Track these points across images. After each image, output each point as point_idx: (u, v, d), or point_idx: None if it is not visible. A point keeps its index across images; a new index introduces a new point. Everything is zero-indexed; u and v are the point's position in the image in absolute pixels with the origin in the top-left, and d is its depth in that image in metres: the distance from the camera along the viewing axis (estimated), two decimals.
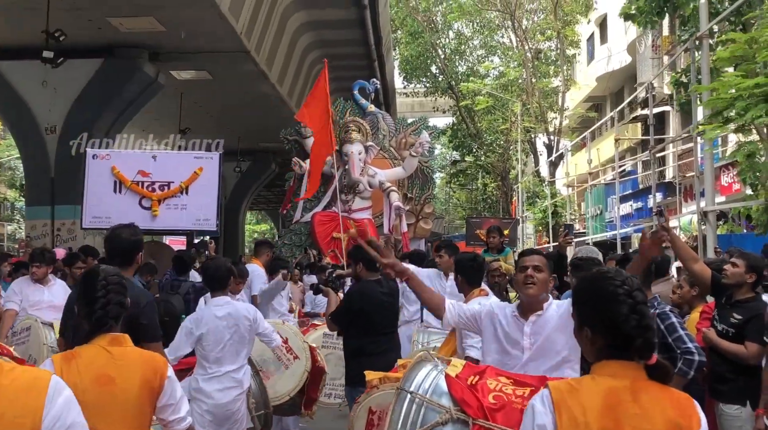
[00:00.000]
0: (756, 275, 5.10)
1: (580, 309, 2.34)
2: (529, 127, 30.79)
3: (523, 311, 4.01)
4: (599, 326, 2.23)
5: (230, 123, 22.84)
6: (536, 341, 3.87)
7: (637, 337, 2.16)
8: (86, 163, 8.91)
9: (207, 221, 8.89)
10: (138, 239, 4.50)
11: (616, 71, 30.12)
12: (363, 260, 5.83)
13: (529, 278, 3.96)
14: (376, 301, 5.72)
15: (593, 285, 2.32)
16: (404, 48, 34.90)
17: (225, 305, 5.32)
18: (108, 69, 15.25)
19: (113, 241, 4.43)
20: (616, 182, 18.38)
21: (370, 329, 5.69)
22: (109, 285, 3.11)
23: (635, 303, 2.19)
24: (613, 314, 2.19)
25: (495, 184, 36.70)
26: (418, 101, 42.76)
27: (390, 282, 5.91)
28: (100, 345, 2.99)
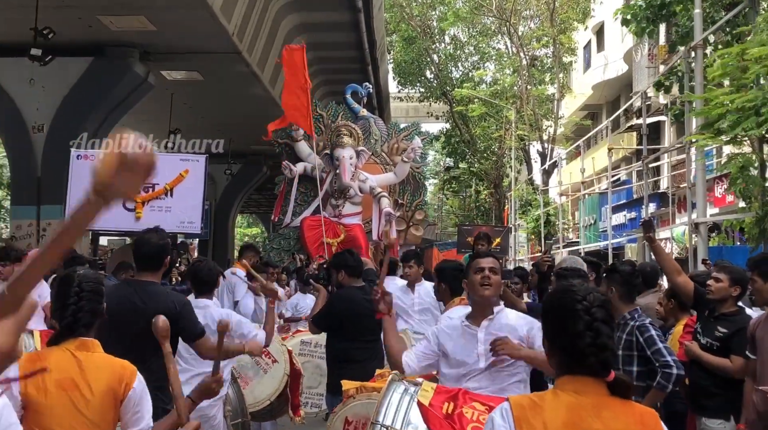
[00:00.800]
0: (740, 287, 5.12)
1: (543, 322, 2.34)
2: (523, 135, 30.83)
3: (474, 317, 4.04)
4: (557, 341, 2.22)
5: (221, 125, 22.78)
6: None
7: (591, 355, 2.13)
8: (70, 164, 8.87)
9: (191, 224, 8.85)
10: (165, 242, 4.57)
11: (612, 80, 30.19)
12: (345, 267, 5.85)
13: (486, 279, 3.99)
14: (359, 307, 5.74)
15: (556, 298, 2.32)
16: (398, 53, 34.97)
17: (204, 308, 5.28)
18: (97, 68, 15.19)
19: (143, 247, 4.51)
20: (609, 192, 18.41)
21: (352, 335, 5.73)
22: (83, 292, 3.10)
23: (592, 320, 2.16)
24: (568, 329, 2.17)
25: (488, 191, 36.75)
26: (413, 106, 42.80)
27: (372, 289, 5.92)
28: (68, 349, 2.98)
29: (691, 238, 10.88)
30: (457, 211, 47.21)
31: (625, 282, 4.99)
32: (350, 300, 5.76)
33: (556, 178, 28.06)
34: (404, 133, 16.61)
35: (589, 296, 2.22)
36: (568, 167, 32.22)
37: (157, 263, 4.48)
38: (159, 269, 4.52)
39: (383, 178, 15.73)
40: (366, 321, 5.76)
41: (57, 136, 15.01)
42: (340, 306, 5.79)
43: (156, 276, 4.53)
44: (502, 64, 34.61)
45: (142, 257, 4.51)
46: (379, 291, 4.10)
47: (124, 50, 15.25)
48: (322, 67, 22.19)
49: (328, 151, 15.33)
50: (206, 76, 17.72)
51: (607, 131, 21.21)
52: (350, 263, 5.97)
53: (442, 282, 5.44)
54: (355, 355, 5.64)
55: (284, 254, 15.25)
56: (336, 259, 6.20)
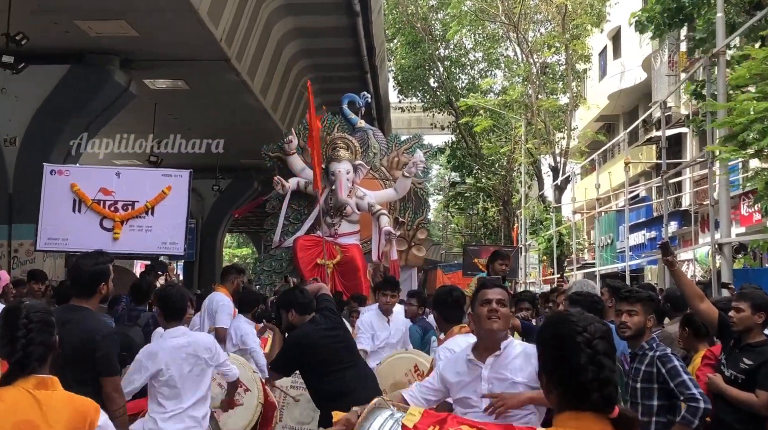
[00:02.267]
0: (765, 313, 5.08)
1: (539, 354, 2.31)
2: (534, 148, 30.86)
3: (479, 352, 4.01)
4: (555, 375, 2.20)
5: (208, 137, 22.80)
6: (495, 386, 3.86)
7: (593, 391, 2.11)
8: (44, 179, 8.85)
9: (174, 244, 8.80)
10: (101, 268, 4.75)
11: (630, 89, 30.23)
12: (296, 305, 5.83)
13: (494, 313, 3.97)
14: (317, 340, 5.73)
15: (552, 329, 2.29)
16: (400, 58, 35.06)
17: (182, 335, 5.29)
18: (75, 76, 15.21)
19: (74, 271, 4.79)
20: (626, 209, 18.39)
21: (324, 369, 5.68)
22: (31, 323, 3.06)
23: (594, 353, 2.14)
24: (568, 362, 2.15)
25: (496, 208, 36.75)
26: (415, 117, 42.93)
27: (328, 316, 5.94)
28: (24, 388, 2.93)
29: (715, 259, 10.84)
30: (462, 230, 47.21)
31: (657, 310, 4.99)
32: (306, 338, 5.73)
33: (569, 194, 28.03)
34: (405, 146, 16.60)
35: (589, 326, 2.19)
36: (583, 183, 32.21)
37: (89, 290, 4.70)
38: (93, 296, 4.73)
39: (383, 195, 15.70)
40: (331, 350, 5.75)
41: (30, 150, 15.01)
42: (296, 349, 5.76)
43: (90, 302, 4.72)
44: (511, 72, 34.69)
45: (74, 282, 4.80)
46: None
47: (103, 57, 15.27)
48: (317, 75, 22.25)
49: (323, 165, 15.31)
50: (192, 85, 17.76)
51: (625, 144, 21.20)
52: (300, 301, 5.92)
53: (436, 310, 5.43)
54: (341, 387, 5.58)
55: (276, 276, 15.20)
56: (283, 298, 6.13)
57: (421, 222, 16.58)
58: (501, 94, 34.12)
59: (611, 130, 34.74)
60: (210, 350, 5.34)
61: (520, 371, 3.88)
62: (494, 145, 32.77)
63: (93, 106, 15.82)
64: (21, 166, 15.11)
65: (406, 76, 35.49)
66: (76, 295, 4.72)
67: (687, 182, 21.62)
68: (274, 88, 20.19)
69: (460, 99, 33.55)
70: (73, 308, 4.66)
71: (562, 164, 31.62)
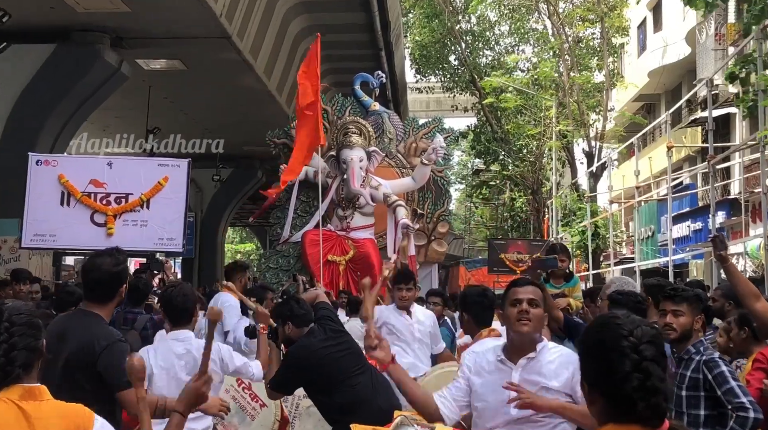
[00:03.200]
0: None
1: (581, 361, 2.32)
2: (566, 132, 30.73)
3: (511, 353, 4.00)
4: (598, 383, 2.20)
5: (208, 122, 22.87)
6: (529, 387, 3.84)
7: (640, 401, 2.10)
8: (29, 170, 8.87)
9: (172, 240, 8.79)
10: (121, 269, 4.56)
11: (672, 65, 30.06)
12: (292, 318, 5.83)
13: (524, 314, 3.96)
14: (318, 353, 5.75)
15: (596, 333, 2.28)
16: (418, 33, 34.96)
17: (184, 341, 5.28)
18: (61, 57, 15.26)
19: (91, 272, 4.49)
20: (669, 198, 18.30)
21: (333, 382, 5.69)
22: (14, 326, 3.01)
23: (641, 359, 2.14)
24: (612, 370, 2.15)
25: (525, 198, 36.67)
26: (434, 98, 42.89)
27: (326, 326, 5.94)
28: (10, 399, 2.89)
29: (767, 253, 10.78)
30: (488, 223, 47.14)
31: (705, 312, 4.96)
32: (305, 352, 5.74)
33: (605, 182, 27.93)
34: (424, 131, 16.57)
35: (636, 330, 2.19)
36: (620, 170, 32.08)
37: (107, 294, 4.48)
38: (110, 301, 4.52)
39: (399, 184, 15.69)
40: (335, 361, 5.76)
41: (13, 138, 15.07)
42: (297, 365, 5.77)
43: (106, 308, 4.53)
44: (541, 47, 34.55)
45: (89, 284, 4.52)
46: (372, 335, 4.05)
47: (92, 35, 15.32)
48: (326, 53, 22.13)
49: (333, 152, 15.31)
50: (190, 66, 17.79)
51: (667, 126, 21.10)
52: (297, 313, 5.92)
53: (465, 312, 5.42)
54: (354, 398, 5.59)
55: (283, 274, 15.23)
56: (279, 310, 6.10)
57: (441, 214, 16.55)
58: (529, 72, 33.99)
59: (652, 111, 34.57)
60: (215, 359, 5.27)
61: (555, 377, 3.87)
62: (522, 128, 32.65)
63: (81, 90, 15.87)
64: (3, 156, 15.15)
65: (424, 53, 35.39)
66: (90, 299, 4.53)
67: (736, 168, 21.49)
68: (279, 68, 20.21)
69: (484, 78, 33.45)
70: (84, 313, 4.50)
71: (597, 149, 31.49)
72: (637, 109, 34.56)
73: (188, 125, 22.54)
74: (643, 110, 34.89)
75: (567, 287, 8.18)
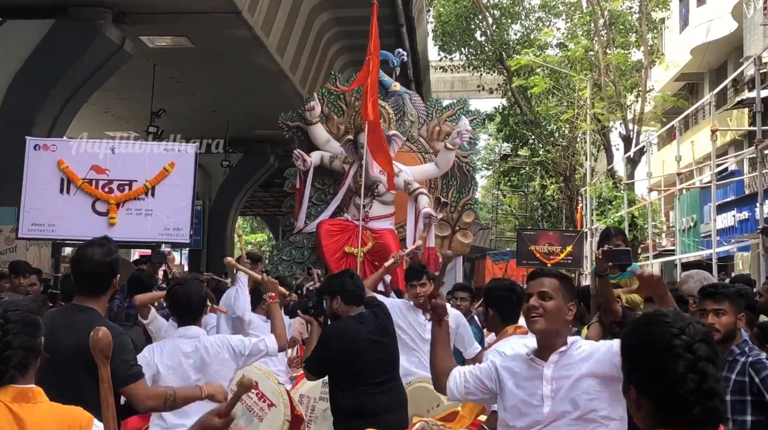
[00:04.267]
0: None
1: (625, 362, 2.30)
2: (601, 114, 30.59)
3: (540, 351, 3.99)
4: (647, 386, 2.18)
5: (216, 104, 22.93)
6: (561, 386, 3.82)
7: (696, 404, 2.10)
8: (26, 155, 8.93)
9: (178, 230, 8.86)
10: (114, 259, 4.57)
11: (717, 41, 29.86)
12: (342, 292, 5.83)
13: (533, 310, 3.95)
14: (360, 342, 5.72)
15: (643, 331, 2.27)
16: (441, 6, 34.85)
17: (194, 338, 5.33)
18: (59, 33, 15.29)
19: (82, 264, 4.50)
20: (712, 186, 18.20)
21: (359, 380, 5.68)
22: (9, 323, 3.02)
23: (696, 359, 2.13)
24: (664, 371, 2.14)
25: (556, 186, 36.54)
26: (459, 78, 42.76)
27: (380, 318, 5.90)
28: (2, 402, 2.90)
29: None
30: (516, 212, 47.03)
31: None
32: (348, 336, 5.71)
33: (644, 168, 27.79)
34: (448, 113, 16.57)
35: (688, 328, 2.18)
36: (660, 155, 31.93)
37: (101, 286, 4.50)
38: (103, 294, 4.54)
39: (421, 171, 15.69)
40: (373, 360, 5.74)
41: (9, 120, 15.12)
42: (335, 344, 5.75)
43: (100, 301, 4.54)
44: (573, 22, 34.38)
45: (81, 277, 4.51)
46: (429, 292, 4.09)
47: (93, 10, 15.34)
48: (343, 29, 22.24)
49: (351, 136, 15.32)
50: (197, 43, 17.82)
51: (711, 108, 20.89)
52: (349, 288, 5.92)
53: (490, 307, 5.41)
54: (368, 405, 5.60)
55: (296, 267, 15.27)
56: (331, 282, 6.13)
57: (467, 203, 16.55)
58: (561, 50, 33.83)
59: (694, 92, 34.36)
60: (227, 352, 5.34)
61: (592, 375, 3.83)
62: (554, 110, 32.52)
63: (81, 69, 15.90)
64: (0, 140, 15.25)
65: (447, 29, 35.29)
66: (82, 292, 4.52)
67: None
68: (293, 45, 20.20)
69: (513, 56, 33.32)
70: (79, 308, 4.48)
71: (635, 133, 31.27)
72: (678, 90, 34.32)
73: (195, 107, 22.60)
74: (685, 91, 34.65)
75: (623, 277, 7.74)
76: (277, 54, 19.09)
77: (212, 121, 23.70)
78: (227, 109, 23.42)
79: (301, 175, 15.53)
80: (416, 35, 24.36)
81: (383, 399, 5.70)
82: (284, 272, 15.22)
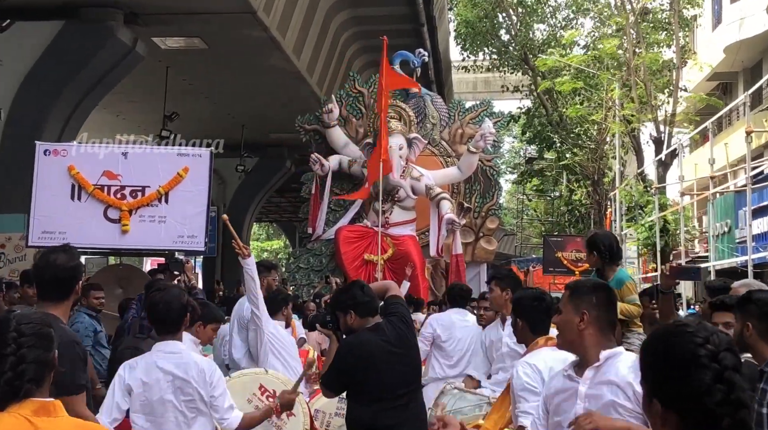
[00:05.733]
0: None
1: (647, 375, 2.30)
2: (631, 116, 30.51)
3: (580, 366, 4.00)
4: (672, 400, 2.18)
5: (231, 107, 23.00)
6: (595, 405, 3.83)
7: (725, 416, 2.09)
8: (36, 160, 8.98)
9: (193, 238, 8.88)
10: (76, 265, 4.68)
11: (751, 39, 29.73)
12: (355, 306, 5.76)
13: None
14: (377, 356, 5.62)
15: (665, 343, 2.27)
16: (463, 7, 34.85)
17: (174, 354, 5.14)
18: (70, 35, 15.36)
19: (45, 270, 4.60)
20: (747, 189, 18.11)
21: (375, 394, 5.61)
22: (22, 337, 3.04)
23: (722, 369, 2.13)
24: (690, 383, 2.14)
25: (584, 190, 36.45)
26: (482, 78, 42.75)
27: (397, 327, 5.79)
28: (22, 415, 2.94)
29: None
30: (542, 217, 46.94)
31: (765, 315, 4.88)
32: (364, 349, 5.62)
33: (675, 172, 27.70)
34: (471, 115, 16.59)
35: (712, 337, 2.18)
36: (693, 157, 31.75)
37: (63, 292, 4.59)
38: (65, 299, 4.63)
39: (444, 175, 15.71)
40: (390, 372, 5.65)
41: (18, 125, 15.22)
42: (351, 358, 5.67)
43: (62, 307, 4.61)
44: (602, 22, 34.31)
45: (43, 283, 4.62)
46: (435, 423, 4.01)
47: (104, 11, 15.39)
48: (362, 29, 22.24)
49: (370, 139, 15.34)
50: (211, 44, 17.87)
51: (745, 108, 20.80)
52: (361, 300, 5.81)
53: (519, 318, 5.39)
54: (381, 420, 5.54)
55: (314, 275, 15.31)
56: (340, 298, 6.01)
57: (491, 208, 16.55)
58: (589, 49, 33.76)
59: (728, 92, 34.20)
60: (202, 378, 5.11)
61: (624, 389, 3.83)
62: (581, 112, 32.46)
63: (92, 71, 15.98)
64: (8, 145, 15.33)
65: (470, 28, 35.27)
66: (45, 298, 4.61)
67: None
68: (309, 46, 20.23)
69: (538, 56, 33.28)
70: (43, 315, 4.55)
71: (666, 135, 31.20)
72: (711, 90, 34.19)
73: (209, 110, 22.66)
74: (719, 91, 34.51)
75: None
76: (294, 55, 19.11)
77: (227, 124, 23.75)
78: (242, 113, 23.47)
79: (317, 181, 15.57)
80: (437, 35, 24.35)
81: (402, 415, 5.63)
82: (301, 281, 15.29)
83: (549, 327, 5.34)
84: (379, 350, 5.65)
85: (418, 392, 5.97)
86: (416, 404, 5.85)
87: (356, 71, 19.51)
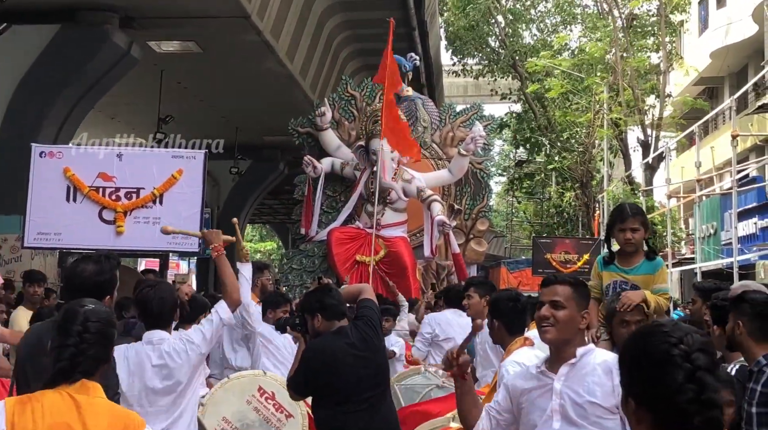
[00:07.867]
0: None
1: (624, 374, 2.32)
2: (619, 119, 30.56)
3: (551, 362, 3.98)
4: (646, 398, 2.20)
5: (225, 110, 22.98)
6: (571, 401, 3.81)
7: (695, 414, 2.11)
8: (31, 162, 8.94)
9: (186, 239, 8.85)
10: (107, 278, 4.59)
11: (738, 44, 29.82)
12: (322, 310, 5.72)
13: (544, 319, 3.94)
14: (339, 358, 5.57)
15: (640, 343, 2.29)
16: (453, 14, 34.89)
17: (159, 343, 5.17)
18: (66, 38, 15.35)
19: (71, 279, 4.56)
20: (733, 192, 18.15)
21: (338, 397, 5.56)
22: (86, 333, 3.24)
23: (694, 369, 2.14)
24: (663, 381, 2.15)
25: (572, 193, 36.51)
26: (473, 83, 42.65)
27: (362, 330, 5.71)
28: (66, 391, 3.16)
29: None
30: (532, 219, 46.98)
31: (757, 315, 4.87)
32: (327, 352, 5.58)
33: (662, 175, 27.76)
34: (462, 118, 16.57)
35: (686, 337, 2.20)
36: (679, 161, 31.85)
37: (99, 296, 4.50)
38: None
39: (435, 177, 15.69)
40: (354, 375, 5.58)
41: (14, 128, 15.19)
42: (314, 364, 5.62)
43: None
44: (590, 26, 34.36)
45: (72, 291, 4.52)
46: (454, 352, 4.03)
47: (99, 15, 15.36)
48: (354, 33, 22.25)
49: (362, 142, 15.33)
50: (205, 48, 17.86)
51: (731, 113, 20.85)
52: (327, 304, 5.78)
53: (495, 318, 5.38)
54: (351, 422, 5.49)
55: (307, 276, 15.27)
56: (308, 299, 5.97)
57: (481, 210, 16.54)
58: (577, 54, 33.82)
59: (714, 96, 34.30)
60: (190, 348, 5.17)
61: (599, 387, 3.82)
62: (570, 114, 32.50)
63: (87, 74, 15.96)
64: (4, 148, 15.27)
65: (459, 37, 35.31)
66: None
67: None
68: (303, 50, 20.23)
69: (527, 61, 33.33)
70: None
71: (653, 138, 31.28)
72: (697, 94, 34.29)
73: (203, 113, 22.64)
74: (705, 95, 34.61)
75: (642, 273, 6.21)
76: (287, 59, 19.11)
77: (221, 127, 23.72)
78: (236, 115, 23.46)
79: (309, 183, 15.55)
80: (429, 40, 24.35)
81: (371, 417, 5.56)
82: (294, 281, 15.25)
83: (524, 327, 5.34)
84: (342, 353, 5.58)
85: (387, 394, 5.90)
86: (385, 406, 5.79)
87: (349, 75, 19.49)
